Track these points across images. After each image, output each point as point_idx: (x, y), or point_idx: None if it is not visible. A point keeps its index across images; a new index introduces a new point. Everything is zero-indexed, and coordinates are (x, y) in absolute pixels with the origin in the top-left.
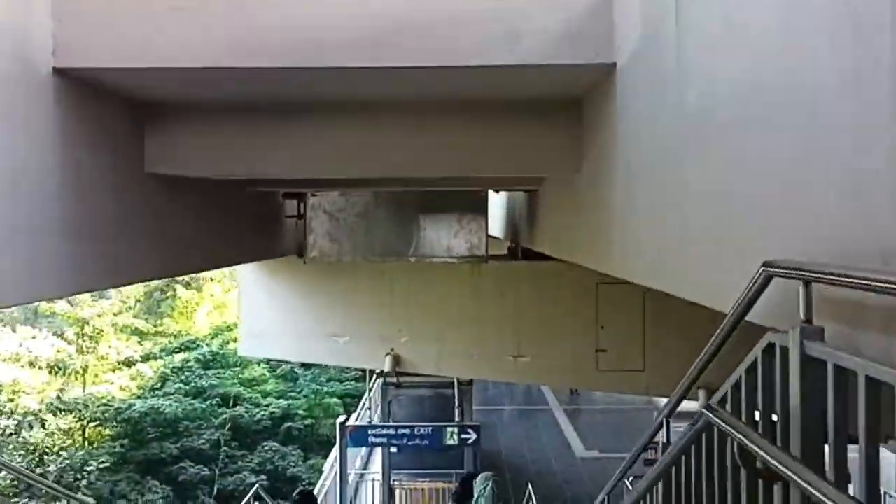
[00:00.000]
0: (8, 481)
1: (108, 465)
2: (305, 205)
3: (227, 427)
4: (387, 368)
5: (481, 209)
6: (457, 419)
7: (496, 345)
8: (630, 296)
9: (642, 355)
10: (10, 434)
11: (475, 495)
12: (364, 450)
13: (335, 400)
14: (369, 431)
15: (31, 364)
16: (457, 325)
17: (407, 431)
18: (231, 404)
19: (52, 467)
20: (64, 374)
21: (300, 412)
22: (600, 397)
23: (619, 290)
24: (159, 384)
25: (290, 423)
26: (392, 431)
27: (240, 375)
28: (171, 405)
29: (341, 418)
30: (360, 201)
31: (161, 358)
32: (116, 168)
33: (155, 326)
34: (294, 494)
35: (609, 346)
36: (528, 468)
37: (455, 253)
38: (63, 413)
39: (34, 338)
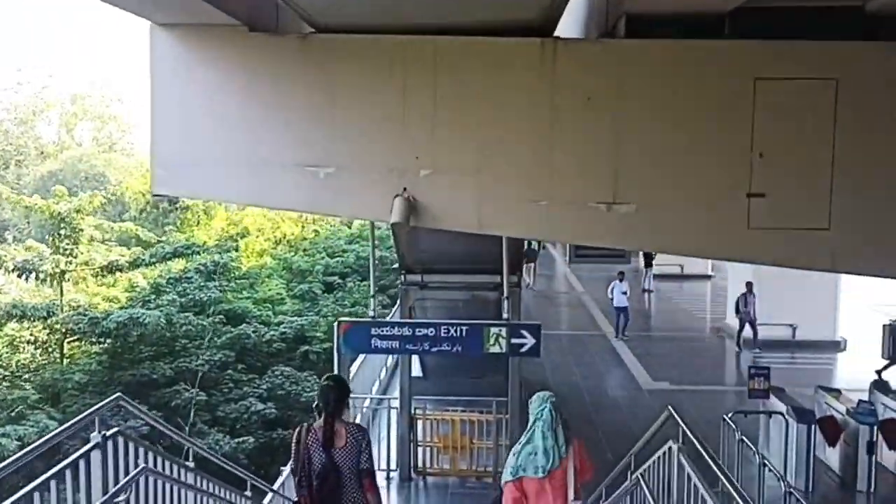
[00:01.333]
0: None
1: (86, 384)
2: None
3: (232, 347)
4: (395, 218)
5: None
6: (505, 315)
7: (577, 185)
8: (810, 99)
9: (827, 203)
10: None
11: (530, 419)
12: (383, 371)
13: None
14: (372, 331)
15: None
16: (511, 151)
17: (429, 332)
18: (238, 323)
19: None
20: (37, 280)
21: (319, 334)
22: (659, 323)
23: (794, 89)
24: (153, 296)
25: (306, 347)
26: (407, 331)
27: (252, 294)
28: (154, 316)
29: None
30: None
31: (153, 265)
32: None
33: (159, 238)
34: (322, 380)
35: (770, 188)
36: (585, 401)
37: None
38: (23, 320)
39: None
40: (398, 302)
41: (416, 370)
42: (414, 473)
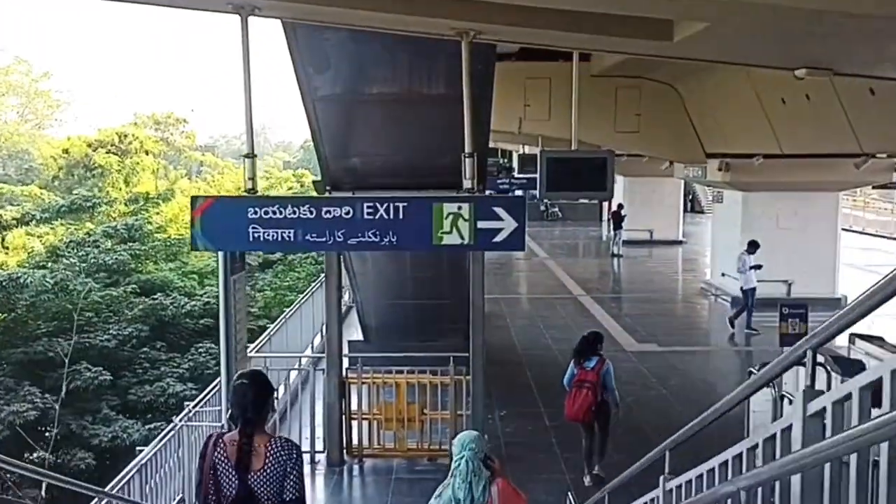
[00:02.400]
0: None
1: None
2: None
3: (145, 321)
4: None
5: None
6: (467, 183)
7: None
8: None
9: None
10: None
11: (452, 464)
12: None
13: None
14: (250, 211)
15: None
16: None
17: (345, 211)
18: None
19: None
20: None
21: (253, 309)
22: (635, 286)
23: None
24: (49, 262)
25: None
26: (308, 212)
27: (182, 267)
28: (36, 277)
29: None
30: None
31: (47, 223)
32: None
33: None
34: (234, 378)
35: None
36: (559, 363)
37: None
38: None
39: None
40: None
41: (357, 335)
42: (347, 455)
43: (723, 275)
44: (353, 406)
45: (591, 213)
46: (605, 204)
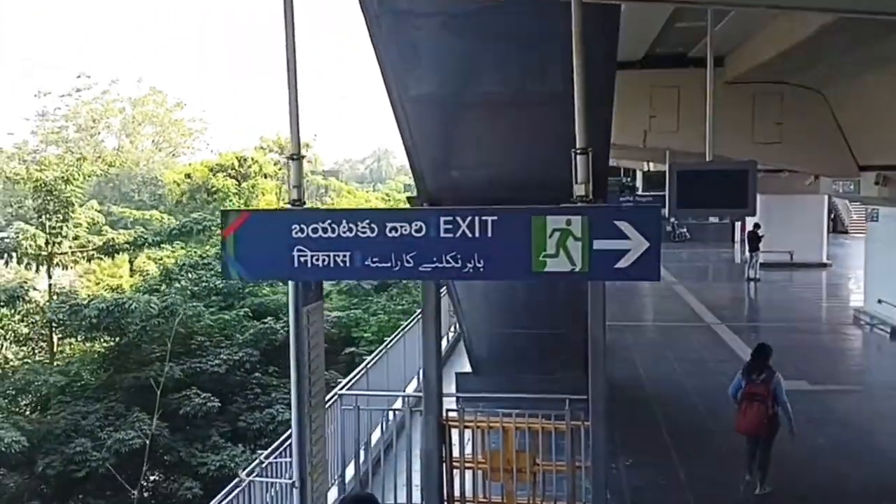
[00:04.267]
0: None
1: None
2: None
3: (256, 345)
4: None
5: None
6: (578, 189)
7: None
8: None
9: None
10: None
11: None
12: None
13: None
14: (294, 228)
15: None
16: None
17: (415, 228)
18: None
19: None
20: (19, 263)
21: (366, 334)
22: (775, 314)
23: None
24: (163, 284)
25: (352, 349)
26: (366, 228)
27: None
28: (142, 302)
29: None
30: None
31: (159, 246)
32: None
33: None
34: None
35: None
36: (696, 407)
37: None
38: None
39: None
40: None
41: (465, 365)
42: None
43: (879, 301)
44: (455, 453)
45: (723, 234)
46: (739, 224)
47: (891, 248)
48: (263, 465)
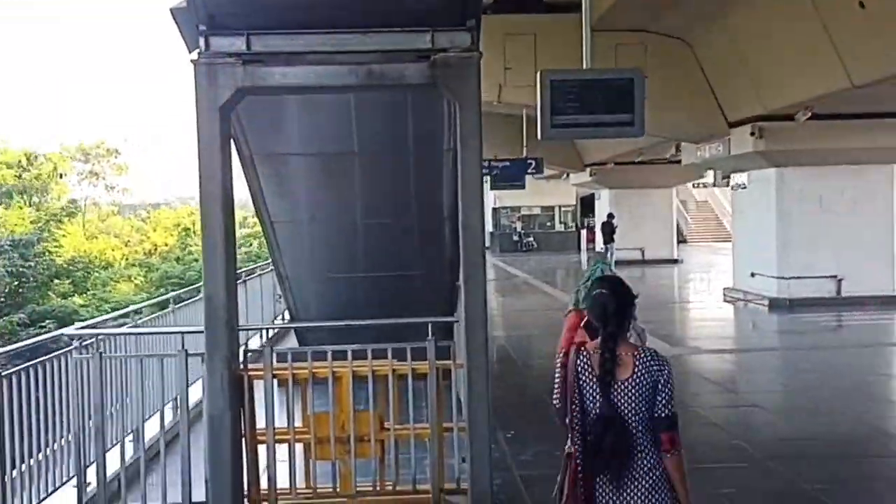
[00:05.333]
0: None
1: None
2: None
3: None
4: None
5: None
6: None
7: None
8: None
9: None
10: None
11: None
12: None
13: None
14: None
15: None
16: None
17: None
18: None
19: None
20: None
21: None
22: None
23: None
24: None
25: None
26: None
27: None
28: None
29: None
30: None
31: None
32: None
33: None
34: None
35: None
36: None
37: None
38: None
39: None
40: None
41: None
42: None
43: (752, 275)
44: (261, 422)
45: (570, 243)
46: (585, 233)
47: (762, 215)
48: None
